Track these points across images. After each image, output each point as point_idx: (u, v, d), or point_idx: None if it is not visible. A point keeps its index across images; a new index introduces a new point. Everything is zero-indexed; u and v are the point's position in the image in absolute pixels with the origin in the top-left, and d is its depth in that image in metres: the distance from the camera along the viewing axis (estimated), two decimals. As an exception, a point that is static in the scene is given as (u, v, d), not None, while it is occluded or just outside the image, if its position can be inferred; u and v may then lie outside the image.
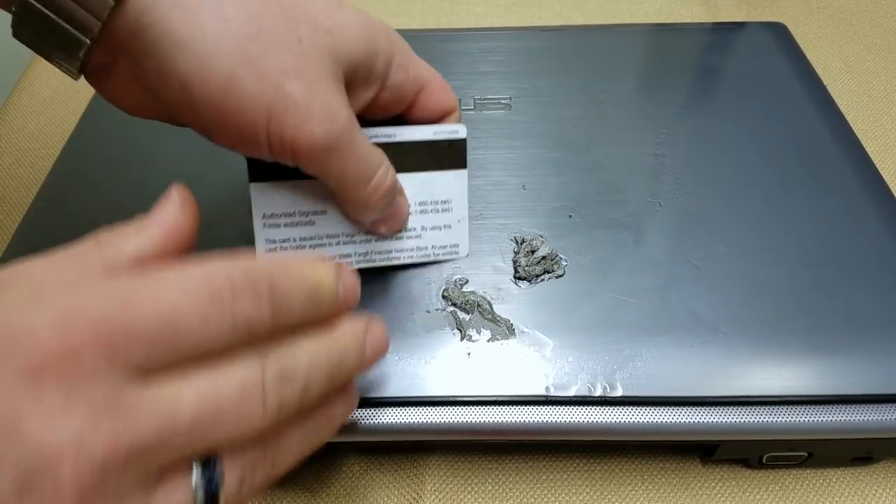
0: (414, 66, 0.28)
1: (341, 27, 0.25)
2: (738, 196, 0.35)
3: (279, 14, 0.24)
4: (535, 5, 0.59)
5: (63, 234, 0.35)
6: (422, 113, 0.30)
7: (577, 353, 0.29)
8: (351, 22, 0.26)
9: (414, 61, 0.29)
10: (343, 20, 0.25)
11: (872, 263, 0.32)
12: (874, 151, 0.38)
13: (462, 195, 0.32)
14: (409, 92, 0.29)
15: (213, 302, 0.18)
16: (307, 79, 0.24)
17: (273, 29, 0.24)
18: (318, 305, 0.21)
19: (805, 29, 0.54)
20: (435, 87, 0.29)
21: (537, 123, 0.39)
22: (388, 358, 0.29)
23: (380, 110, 0.29)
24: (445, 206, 0.31)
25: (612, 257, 0.32)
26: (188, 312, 0.18)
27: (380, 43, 0.27)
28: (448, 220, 0.32)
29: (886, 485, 0.31)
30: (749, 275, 0.31)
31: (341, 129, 0.25)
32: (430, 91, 0.29)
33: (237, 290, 0.19)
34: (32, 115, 0.50)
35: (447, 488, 0.31)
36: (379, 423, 0.28)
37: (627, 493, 0.31)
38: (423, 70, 0.29)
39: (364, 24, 0.26)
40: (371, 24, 0.26)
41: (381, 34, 0.27)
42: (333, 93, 0.25)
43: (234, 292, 0.19)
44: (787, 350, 0.29)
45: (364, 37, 0.26)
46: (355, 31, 0.26)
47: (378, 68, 0.27)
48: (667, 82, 0.42)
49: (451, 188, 0.31)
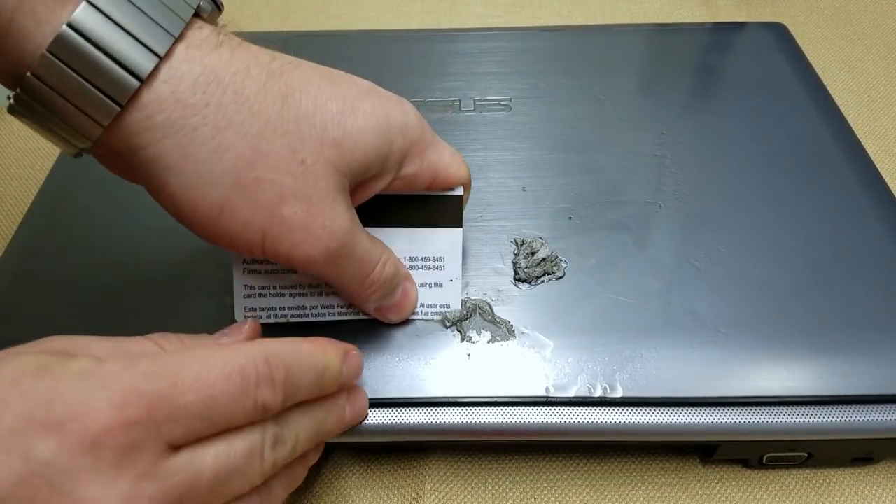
0: (430, 152, 0.28)
1: (353, 136, 0.24)
2: (739, 197, 0.35)
3: (283, 134, 0.23)
4: (535, 5, 0.59)
5: (63, 235, 0.35)
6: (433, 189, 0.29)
7: (577, 354, 0.29)
8: (364, 128, 0.25)
9: (429, 146, 0.28)
10: (355, 128, 0.25)
11: (872, 263, 0.32)
12: (874, 151, 0.38)
13: (456, 254, 0.30)
14: (422, 180, 0.28)
15: (242, 386, 0.21)
16: (306, 200, 0.24)
17: (274, 153, 0.23)
18: (323, 386, 0.25)
19: (805, 29, 0.54)
20: (448, 171, 0.28)
21: (537, 124, 0.39)
22: (389, 359, 0.29)
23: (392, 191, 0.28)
24: (437, 264, 0.30)
25: (612, 258, 0.32)
26: (223, 394, 0.21)
27: (394, 142, 0.26)
28: (439, 278, 0.30)
29: (886, 485, 0.31)
30: (749, 275, 0.32)
31: (339, 246, 0.25)
32: (444, 175, 0.28)
33: (260, 377, 0.22)
34: (32, 115, 0.50)
35: (447, 488, 0.31)
36: (379, 423, 0.28)
37: (627, 494, 0.31)
38: (437, 155, 0.28)
39: (378, 126, 0.25)
40: (386, 124, 0.25)
41: (397, 132, 0.26)
42: (334, 208, 0.25)
43: (258, 379, 0.22)
44: (787, 350, 0.29)
45: (376, 142, 0.25)
46: (367, 139, 0.25)
47: (390, 164, 0.26)
48: (667, 82, 0.42)
49: (444, 246, 0.30)
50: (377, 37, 0.47)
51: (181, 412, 0.20)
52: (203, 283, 0.32)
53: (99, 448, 0.19)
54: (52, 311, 0.32)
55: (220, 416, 0.21)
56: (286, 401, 0.23)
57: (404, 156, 0.27)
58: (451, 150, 0.29)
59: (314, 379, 0.24)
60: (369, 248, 0.27)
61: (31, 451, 0.18)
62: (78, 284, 0.33)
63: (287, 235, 0.24)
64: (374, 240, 0.28)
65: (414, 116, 0.27)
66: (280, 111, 0.23)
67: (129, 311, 0.32)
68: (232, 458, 0.21)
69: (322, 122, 0.24)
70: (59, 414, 0.19)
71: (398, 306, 0.30)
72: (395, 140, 0.26)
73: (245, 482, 0.22)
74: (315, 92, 0.24)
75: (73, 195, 0.37)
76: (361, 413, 0.28)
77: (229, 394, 0.21)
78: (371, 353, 0.29)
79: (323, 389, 0.25)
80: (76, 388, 0.19)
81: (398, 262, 0.29)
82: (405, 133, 0.26)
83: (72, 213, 0.36)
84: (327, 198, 0.24)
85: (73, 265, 0.34)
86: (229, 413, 0.21)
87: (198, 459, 0.21)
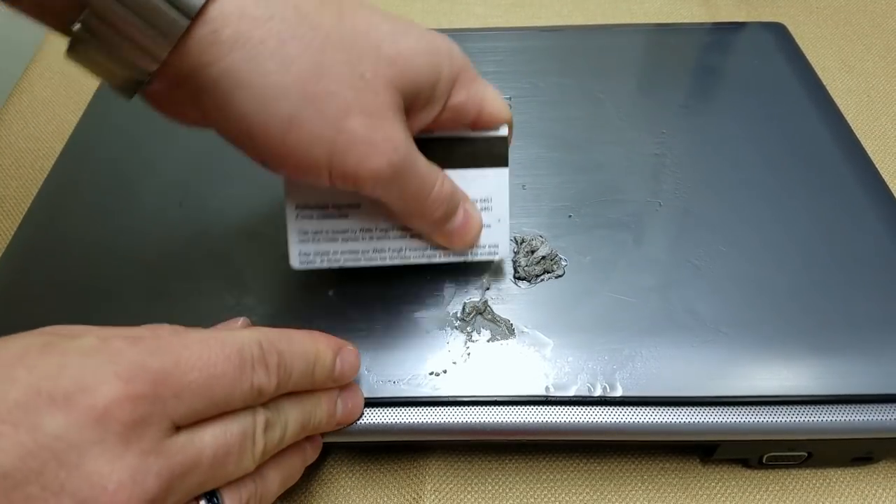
0: (474, 84, 0.28)
1: (406, 56, 0.25)
2: (738, 196, 0.35)
3: (342, 49, 0.24)
4: (535, 5, 0.59)
5: (63, 235, 0.35)
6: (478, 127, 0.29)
7: (577, 353, 0.29)
8: (416, 49, 0.25)
9: (473, 79, 0.28)
10: (407, 48, 0.25)
11: (872, 263, 0.32)
12: (874, 151, 0.38)
13: (503, 194, 0.30)
14: (469, 111, 0.28)
15: (240, 371, 0.22)
16: (369, 114, 0.24)
17: (335, 67, 0.23)
18: (314, 377, 0.26)
19: (804, 29, 0.54)
20: (493, 105, 0.29)
21: (537, 123, 0.39)
22: (388, 358, 0.29)
23: (439, 127, 0.29)
24: (485, 205, 0.30)
25: (612, 257, 0.32)
26: (223, 373, 0.22)
27: (443, 67, 0.26)
28: (487, 219, 0.30)
29: (886, 485, 0.31)
30: (749, 275, 0.32)
31: (401, 159, 0.25)
32: (489, 108, 0.29)
33: (255, 359, 0.23)
34: (32, 115, 0.50)
35: (447, 488, 0.31)
36: (379, 423, 0.28)
37: (627, 493, 0.31)
38: (482, 87, 0.28)
39: (428, 49, 0.26)
40: (435, 48, 0.26)
41: (445, 57, 0.26)
42: (394, 124, 0.25)
43: (254, 361, 0.23)
44: (787, 350, 0.29)
45: (427, 64, 0.26)
46: (419, 60, 0.25)
47: (440, 91, 0.27)
48: (667, 82, 0.42)
49: (490, 187, 0.30)
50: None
51: (185, 390, 0.21)
52: (203, 283, 0.32)
53: (107, 421, 0.19)
54: (52, 311, 0.32)
55: (219, 397, 0.22)
56: (279, 386, 0.24)
57: (452, 83, 0.27)
58: (494, 89, 0.29)
59: (305, 367, 0.25)
60: (428, 166, 0.27)
61: (38, 424, 0.18)
62: (78, 285, 0.33)
63: (353, 149, 0.24)
64: (431, 165, 0.28)
65: (457, 48, 0.27)
66: (338, 27, 0.24)
67: (128, 312, 0.32)
68: (228, 438, 0.22)
69: (377, 40, 0.24)
70: (67, 387, 0.19)
71: (463, 228, 0.29)
72: (443, 66, 0.26)
73: (240, 466, 0.23)
74: (368, 14, 0.25)
75: (73, 196, 0.37)
76: (355, 411, 0.28)
77: (229, 374, 0.22)
78: (370, 353, 0.29)
79: (314, 380, 0.26)
80: (83, 363, 0.20)
81: (454, 184, 0.29)
82: (452, 60, 0.27)
83: (71, 214, 0.36)
84: (388, 112, 0.24)
85: (73, 265, 0.34)
86: (228, 394, 0.22)
87: (197, 439, 0.21)
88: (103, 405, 0.19)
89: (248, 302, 0.32)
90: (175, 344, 0.22)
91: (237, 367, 0.22)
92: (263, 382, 0.23)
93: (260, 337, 0.23)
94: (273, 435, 0.24)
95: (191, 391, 0.21)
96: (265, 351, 0.23)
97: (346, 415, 0.28)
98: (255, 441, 0.23)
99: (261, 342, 0.23)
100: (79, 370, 0.20)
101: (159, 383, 0.20)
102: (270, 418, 0.24)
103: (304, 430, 0.26)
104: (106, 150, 0.39)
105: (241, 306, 0.31)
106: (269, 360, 0.23)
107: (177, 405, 0.20)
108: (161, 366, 0.21)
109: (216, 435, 0.22)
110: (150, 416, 0.20)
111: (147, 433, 0.20)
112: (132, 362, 0.20)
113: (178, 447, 0.20)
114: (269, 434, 0.24)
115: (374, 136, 0.24)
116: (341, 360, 0.27)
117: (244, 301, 0.32)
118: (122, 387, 0.19)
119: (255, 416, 0.23)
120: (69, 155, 0.39)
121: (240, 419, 0.23)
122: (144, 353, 0.21)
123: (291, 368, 0.24)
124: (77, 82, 0.52)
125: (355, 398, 0.28)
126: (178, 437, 0.21)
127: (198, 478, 0.21)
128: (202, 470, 0.21)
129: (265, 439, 0.23)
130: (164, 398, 0.20)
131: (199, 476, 0.21)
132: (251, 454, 0.23)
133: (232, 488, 0.23)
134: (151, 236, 0.34)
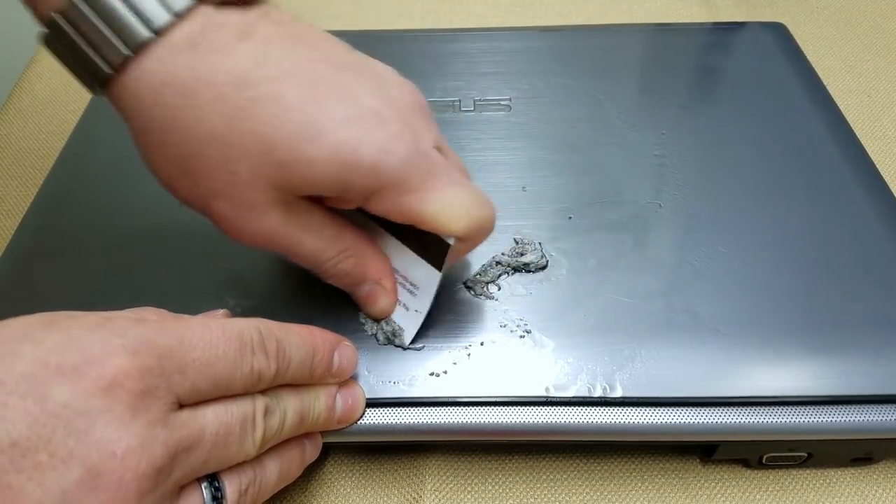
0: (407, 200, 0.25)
1: (300, 164, 0.24)
2: (738, 197, 0.35)
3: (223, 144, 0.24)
4: (535, 5, 0.59)
5: (63, 235, 0.35)
6: None
7: (577, 354, 0.29)
8: (317, 159, 0.24)
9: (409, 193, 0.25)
10: (305, 157, 0.24)
11: (872, 263, 0.32)
12: (874, 151, 0.38)
13: (429, 292, 0.29)
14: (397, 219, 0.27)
15: (241, 353, 0.23)
16: (236, 204, 0.25)
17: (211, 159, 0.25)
18: (312, 369, 0.26)
19: (805, 29, 0.54)
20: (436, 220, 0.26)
21: (537, 124, 0.39)
22: (388, 358, 0.29)
23: None
24: (412, 290, 0.30)
25: (612, 258, 0.32)
26: (225, 354, 0.22)
27: (354, 181, 0.25)
28: (409, 302, 0.30)
29: (886, 485, 0.31)
30: (749, 275, 0.32)
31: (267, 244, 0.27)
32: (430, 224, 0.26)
33: (255, 344, 0.23)
34: (32, 115, 0.50)
35: (447, 488, 0.31)
36: (379, 423, 0.28)
37: (627, 494, 0.31)
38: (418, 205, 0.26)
39: (339, 161, 0.24)
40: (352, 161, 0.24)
41: (362, 173, 0.24)
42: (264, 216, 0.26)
43: (254, 345, 0.23)
44: (786, 350, 0.29)
45: (329, 176, 0.24)
46: (321, 168, 0.24)
47: (352, 196, 0.26)
48: (667, 82, 0.42)
49: (421, 278, 0.29)
50: (377, 37, 0.47)
51: (189, 367, 0.21)
52: (203, 284, 0.32)
53: (115, 391, 0.19)
54: (51, 311, 0.32)
55: (221, 377, 0.22)
56: (278, 372, 0.24)
57: (369, 194, 0.25)
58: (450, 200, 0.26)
59: (303, 357, 0.25)
60: (318, 247, 0.27)
61: (46, 394, 0.19)
62: (78, 285, 0.33)
63: (222, 224, 0.26)
64: (339, 237, 0.28)
65: (399, 158, 0.25)
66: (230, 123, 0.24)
67: (128, 311, 0.32)
68: (229, 418, 0.22)
69: (273, 143, 0.24)
70: (74, 359, 0.20)
71: (367, 300, 0.30)
72: (354, 181, 0.25)
73: (241, 448, 0.23)
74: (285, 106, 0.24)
75: (73, 195, 0.37)
76: (356, 409, 0.28)
77: (230, 355, 0.22)
78: (370, 353, 0.29)
79: (313, 373, 0.26)
80: (89, 336, 0.20)
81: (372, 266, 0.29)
82: (375, 175, 0.25)
83: (71, 213, 0.36)
84: (256, 206, 0.25)
85: (73, 265, 0.34)
86: (229, 375, 0.22)
87: (199, 416, 0.22)
88: (112, 375, 0.20)
89: (247, 302, 0.32)
90: (178, 325, 0.22)
91: (238, 350, 0.23)
92: (263, 366, 0.23)
93: (259, 324, 0.24)
94: (272, 421, 0.24)
95: (194, 368, 0.21)
96: (264, 337, 0.24)
97: (346, 412, 0.28)
98: (255, 424, 0.23)
99: (260, 329, 0.24)
100: (86, 343, 0.20)
101: (164, 357, 0.21)
102: (270, 405, 0.24)
103: (302, 421, 0.26)
104: (106, 150, 0.39)
105: (241, 306, 0.31)
106: (269, 346, 0.24)
107: (181, 380, 0.21)
108: (166, 342, 0.21)
109: (218, 414, 0.22)
110: (156, 388, 0.20)
111: (154, 405, 0.20)
112: (138, 336, 0.21)
113: (181, 422, 0.21)
114: (269, 420, 0.24)
115: (236, 221, 0.26)
116: (339, 354, 0.27)
117: (244, 301, 0.32)
118: (129, 358, 0.20)
119: (254, 401, 0.24)
120: (69, 154, 0.39)
121: (240, 402, 0.23)
122: (149, 330, 0.21)
123: (290, 356, 0.25)
124: (77, 82, 0.52)
125: (355, 396, 0.28)
126: (181, 413, 0.21)
127: (201, 454, 0.22)
128: (205, 448, 0.22)
129: (265, 424, 0.24)
130: (169, 373, 0.21)
131: (202, 453, 0.22)
132: (251, 438, 0.23)
133: (232, 474, 0.23)
134: (151, 236, 0.34)
